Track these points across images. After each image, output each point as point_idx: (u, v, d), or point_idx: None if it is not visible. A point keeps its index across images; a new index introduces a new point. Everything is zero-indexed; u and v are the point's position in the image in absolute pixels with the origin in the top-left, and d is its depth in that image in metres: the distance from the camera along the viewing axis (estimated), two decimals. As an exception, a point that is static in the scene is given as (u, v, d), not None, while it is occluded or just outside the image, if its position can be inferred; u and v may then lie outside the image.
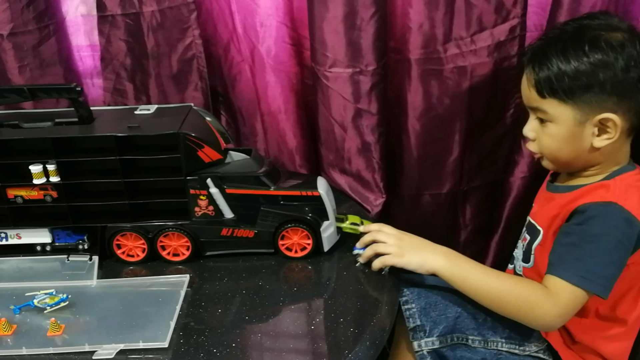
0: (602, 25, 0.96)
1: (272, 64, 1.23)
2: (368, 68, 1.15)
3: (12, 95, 1.03)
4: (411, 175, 1.30)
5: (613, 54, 0.92)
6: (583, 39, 0.94)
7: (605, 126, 0.94)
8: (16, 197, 1.05)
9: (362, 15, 1.10)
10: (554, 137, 0.98)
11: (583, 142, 0.96)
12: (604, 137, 0.95)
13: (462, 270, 0.98)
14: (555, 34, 0.99)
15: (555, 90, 0.95)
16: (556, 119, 0.96)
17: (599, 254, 0.92)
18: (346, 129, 1.21)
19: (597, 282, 0.91)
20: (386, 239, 1.02)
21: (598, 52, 0.92)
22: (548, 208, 1.03)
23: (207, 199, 1.04)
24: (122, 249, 1.07)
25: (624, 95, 0.93)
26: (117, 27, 1.22)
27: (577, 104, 0.94)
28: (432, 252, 1.00)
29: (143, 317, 0.94)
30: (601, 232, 0.92)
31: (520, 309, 0.95)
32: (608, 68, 0.92)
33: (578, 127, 0.95)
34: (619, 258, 0.93)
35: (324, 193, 1.05)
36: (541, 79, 0.95)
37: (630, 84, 0.93)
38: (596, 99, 0.93)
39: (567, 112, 0.95)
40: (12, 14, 1.14)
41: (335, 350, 0.88)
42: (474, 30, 1.17)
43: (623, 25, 0.96)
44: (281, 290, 1.00)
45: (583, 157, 0.98)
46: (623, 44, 0.93)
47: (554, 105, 0.95)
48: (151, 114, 1.08)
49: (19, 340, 0.90)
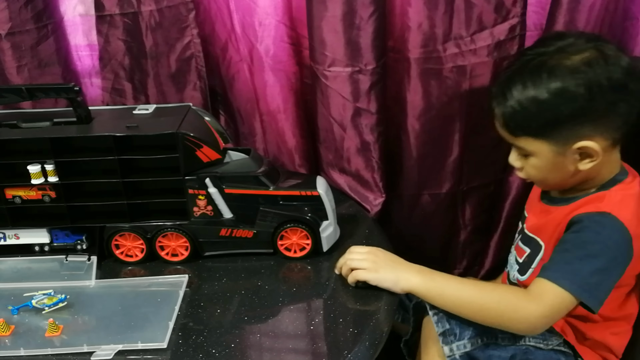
0: (564, 50, 0.92)
1: (270, 64, 1.23)
2: (367, 67, 1.14)
3: (10, 95, 1.03)
4: (410, 174, 1.30)
5: (574, 82, 0.89)
6: (542, 69, 0.91)
7: (586, 152, 0.92)
8: (14, 197, 1.04)
9: (361, 14, 1.10)
10: (537, 168, 0.97)
11: (567, 168, 0.95)
12: (586, 161, 0.93)
13: (437, 284, 0.96)
14: (517, 66, 0.95)
15: (525, 129, 0.94)
16: (535, 153, 0.95)
17: (590, 261, 0.90)
18: (345, 128, 1.21)
19: (584, 287, 0.90)
20: (360, 256, 1.00)
21: (558, 82, 0.90)
22: (547, 221, 1.01)
23: (206, 199, 1.04)
24: (120, 249, 1.07)
25: (596, 119, 0.91)
26: (116, 26, 1.21)
27: (550, 138, 0.93)
28: (406, 270, 0.98)
29: (142, 318, 0.94)
30: (594, 240, 0.91)
31: (503, 314, 0.93)
32: (571, 99, 0.90)
33: (559, 157, 0.94)
34: (610, 267, 0.91)
35: (323, 193, 1.05)
36: (508, 118, 0.94)
37: (601, 109, 0.90)
38: (568, 130, 0.91)
39: (543, 146, 0.94)
40: (10, 14, 1.14)
41: (334, 350, 0.88)
42: (474, 29, 1.16)
43: (589, 45, 0.92)
44: (280, 290, 1.00)
45: (572, 180, 0.97)
46: (584, 69, 0.89)
47: (529, 142, 0.95)
48: (150, 113, 1.07)
49: (17, 341, 0.90)
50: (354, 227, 1.14)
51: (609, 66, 0.90)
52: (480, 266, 1.44)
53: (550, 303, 0.91)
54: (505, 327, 0.95)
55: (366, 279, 0.98)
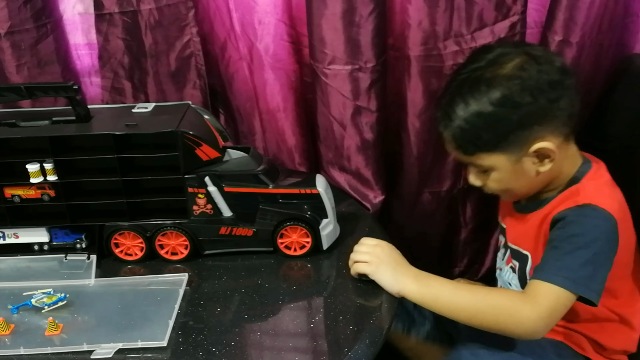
0: (495, 61, 0.94)
1: (270, 62, 1.23)
2: (367, 65, 1.14)
3: (9, 94, 1.02)
4: (411, 173, 1.30)
5: (513, 88, 0.91)
6: (479, 84, 0.92)
7: (542, 153, 0.94)
8: (13, 196, 1.04)
9: (361, 12, 1.10)
10: (499, 181, 0.98)
11: (529, 174, 0.96)
12: (545, 162, 0.95)
13: (432, 290, 0.95)
14: (454, 87, 0.96)
15: (478, 145, 0.94)
16: (493, 167, 0.96)
17: (579, 253, 0.90)
18: (345, 126, 1.21)
19: (578, 281, 0.89)
20: (365, 248, 1.00)
21: (498, 92, 0.91)
22: (525, 229, 1.02)
23: (206, 197, 1.03)
24: (120, 248, 1.07)
25: (543, 120, 0.92)
26: (115, 25, 1.21)
27: (505, 149, 0.94)
28: (404, 274, 0.97)
29: (141, 316, 0.94)
30: (580, 232, 0.92)
31: (498, 318, 0.92)
32: (515, 106, 0.91)
33: (518, 165, 0.95)
34: (600, 256, 0.91)
35: (322, 191, 1.04)
36: (458, 138, 0.95)
37: (544, 108, 0.91)
38: (519, 137, 0.92)
39: (499, 159, 0.95)
40: (10, 13, 1.14)
41: (334, 348, 0.88)
42: (474, 27, 1.16)
43: (518, 50, 0.95)
44: (280, 288, 1.00)
45: (537, 183, 0.98)
46: (520, 74, 0.91)
47: (484, 158, 0.95)
48: (149, 112, 1.07)
49: (17, 340, 0.90)
50: (354, 225, 1.14)
51: (542, 66, 0.92)
52: (481, 264, 1.44)
53: (545, 304, 0.90)
54: (503, 332, 0.93)
55: (365, 273, 0.98)
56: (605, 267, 0.92)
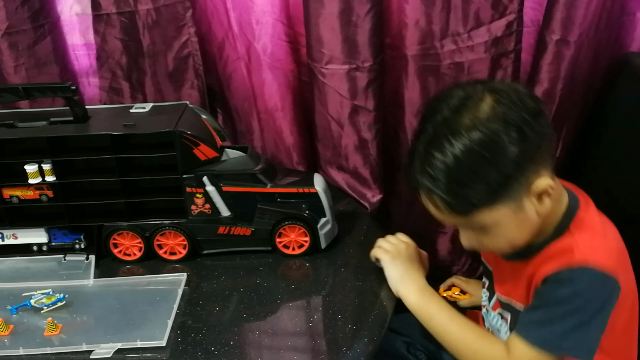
0: (462, 106, 0.82)
1: (268, 62, 1.23)
2: (364, 64, 1.14)
3: (7, 95, 1.03)
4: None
5: (499, 128, 0.79)
6: (457, 135, 0.80)
7: (542, 192, 0.83)
8: (12, 197, 1.04)
9: (358, 11, 1.10)
10: (503, 236, 0.87)
11: (532, 220, 0.85)
12: (545, 200, 0.84)
13: (430, 310, 0.95)
14: (424, 147, 0.83)
15: (475, 202, 0.82)
16: (495, 223, 0.84)
17: (570, 319, 0.83)
18: (343, 125, 1.21)
19: (563, 346, 0.84)
20: (395, 240, 1.02)
21: (482, 136, 0.79)
22: (515, 281, 0.93)
23: (204, 197, 1.04)
24: (118, 248, 1.07)
25: (535, 154, 0.82)
26: (113, 25, 1.21)
27: (505, 198, 0.82)
28: (411, 282, 0.97)
29: (140, 316, 0.94)
30: (572, 295, 0.83)
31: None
32: (504, 147, 0.79)
33: (521, 214, 0.84)
34: (594, 319, 0.84)
35: (321, 190, 1.04)
36: (450, 201, 0.82)
37: (533, 142, 0.81)
38: (519, 182, 0.82)
39: (501, 211, 0.83)
40: (7, 13, 1.14)
41: (333, 346, 0.88)
42: (471, 26, 1.16)
43: (478, 88, 0.83)
44: (279, 287, 1.00)
45: (536, 228, 0.87)
46: (498, 111, 0.80)
47: (485, 214, 0.83)
48: (147, 112, 1.07)
49: (16, 341, 0.90)
50: (352, 224, 1.14)
51: (512, 97, 0.82)
52: (479, 263, 1.44)
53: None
54: None
55: (381, 258, 1.00)
56: (600, 328, 0.85)
